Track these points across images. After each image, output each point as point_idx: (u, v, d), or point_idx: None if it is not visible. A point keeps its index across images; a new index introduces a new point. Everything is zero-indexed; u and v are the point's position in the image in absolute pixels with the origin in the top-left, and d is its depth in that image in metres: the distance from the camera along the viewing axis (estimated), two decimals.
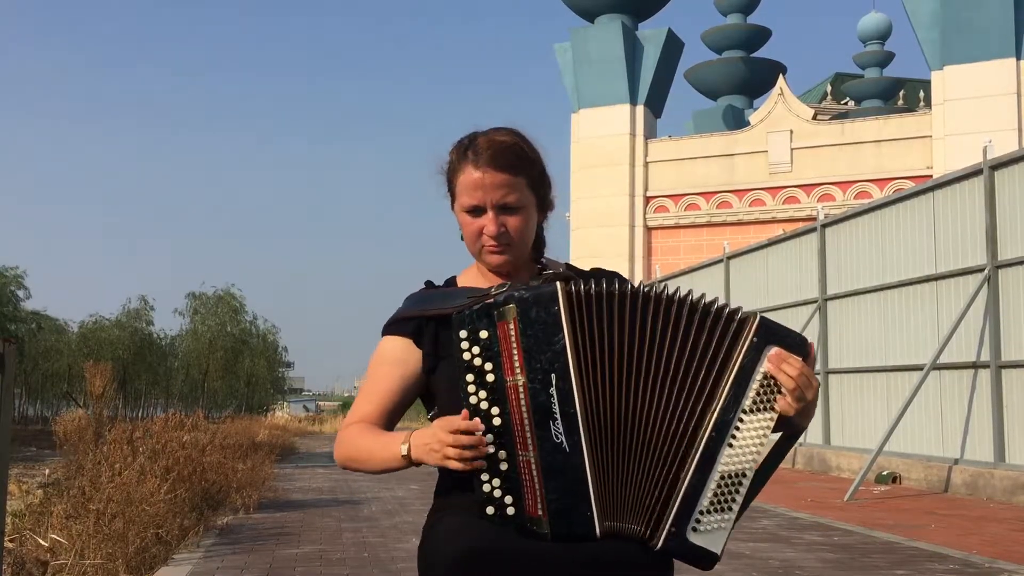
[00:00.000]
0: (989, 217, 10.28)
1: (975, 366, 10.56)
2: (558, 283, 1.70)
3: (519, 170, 1.86)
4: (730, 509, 1.67)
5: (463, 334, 1.69)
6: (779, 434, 1.82)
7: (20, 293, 33.27)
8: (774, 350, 1.68)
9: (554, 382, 1.66)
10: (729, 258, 17.58)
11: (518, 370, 1.67)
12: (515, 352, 1.67)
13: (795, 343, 1.70)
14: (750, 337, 1.68)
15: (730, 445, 1.66)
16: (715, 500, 1.66)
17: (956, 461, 10.64)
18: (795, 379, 1.67)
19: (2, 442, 3.88)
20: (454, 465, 1.66)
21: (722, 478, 1.66)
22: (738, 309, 1.70)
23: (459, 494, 1.78)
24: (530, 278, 1.90)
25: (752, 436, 1.67)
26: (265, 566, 5.97)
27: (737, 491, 1.67)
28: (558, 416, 1.66)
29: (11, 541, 6.07)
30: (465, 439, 1.65)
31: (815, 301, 14.16)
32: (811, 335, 14.11)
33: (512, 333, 1.67)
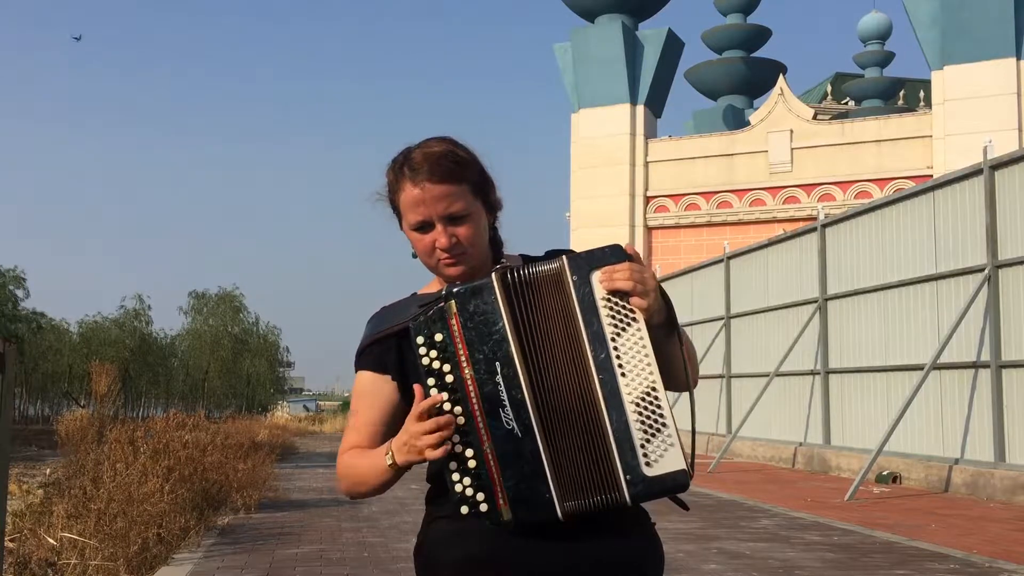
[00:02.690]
0: (989, 217, 10.28)
1: (975, 366, 10.56)
2: (493, 272, 1.71)
3: (459, 177, 1.83)
4: (664, 426, 1.66)
5: (420, 340, 1.71)
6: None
7: (19, 293, 33.28)
8: (598, 273, 1.70)
9: (499, 369, 1.67)
10: (729, 258, 17.58)
11: (465, 364, 1.68)
12: (460, 346, 1.68)
13: (611, 256, 1.71)
14: (570, 278, 1.69)
15: (622, 375, 1.67)
16: (645, 428, 1.66)
17: (956, 461, 10.64)
18: (628, 279, 1.68)
19: (2, 442, 3.88)
20: (431, 454, 1.66)
21: (636, 406, 1.66)
22: (552, 263, 1.71)
23: (450, 501, 1.78)
24: None
25: (635, 354, 1.68)
26: (265, 566, 5.97)
27: (658, 407, 1.67)
28: (507, 402, 1.67)
29: (11, 541, 6.08)
30: (431, 423, 1.65)
31: (815, 301, 14.16)
32: (811, 335, 14.12)
33: (455, 328, 1.69)
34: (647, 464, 1.65)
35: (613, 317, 1.69)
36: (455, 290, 1.71)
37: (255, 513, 8.64)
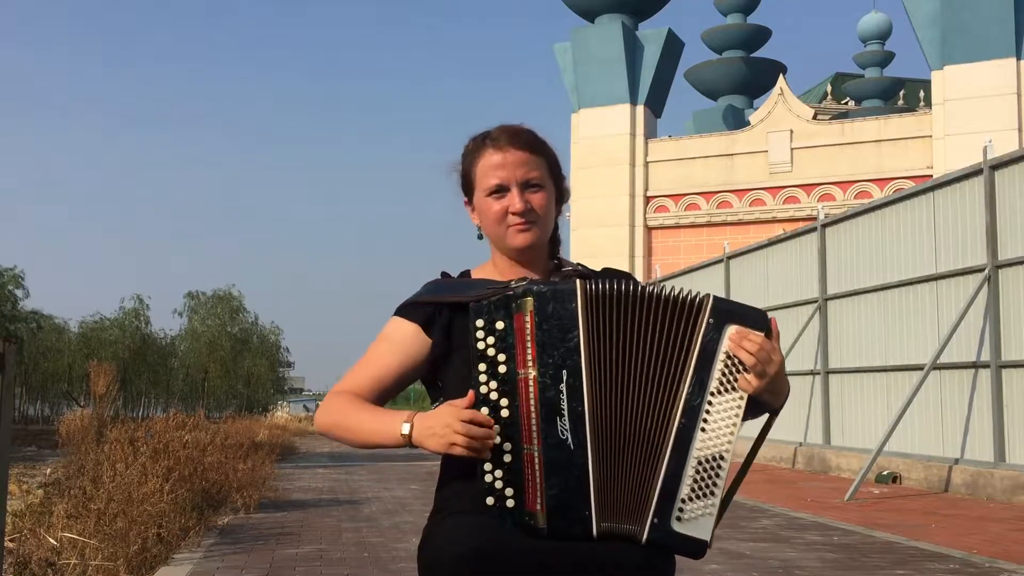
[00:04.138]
0: (989, 217, 10.28)
1: (975, 366, 10.56)
2: (577, 280, 1.71)
3: (539, 150, 1.90)
4: (712, 494, 1.66)
5: (479, 323, 1.69)
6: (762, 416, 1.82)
7: (19, 293, 33.25)
8: (734, 328, 1.67)
9: (565, 378, 1.66)
10: (729, 258, 17.58)
11: (530, 363, 1.66)
12: (528, 345, 1.67)
13: (755, 319, 1.69)
14: (706, 319, 1.67)
15: (703, 430, 1.66)
16: (695, 487, 1.66)
17: (956, 461, 10.64)
18: (754, 355, 1.66)
19: (2, 442, 3.88)
20: (458, 451, 1.65)
21: (699, 463, 1.65)
22: (693, 293, 1.69)
23: (461, 495, 1.77)
24: (548, 274, 1.91)
25: (724, 418, 1.66)
26: (265, 566, 5.97)
27: (717, 475, 1.66)
28: (565, 412, 1.65)
29: (11, 541, 6.07)
30: (476, 430, 1.65)
31: (815, 301, 14.16)
32: (811, 335, 14.12)
33: (527, 326, 1.67)
34: (678, 519, 1.65)
35: (724, 375, 1.67)
36: (535, 288, 1.69)
37: (255, 513, 8.63)
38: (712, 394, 1.66)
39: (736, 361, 1.67)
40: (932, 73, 23.67)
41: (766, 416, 1.82)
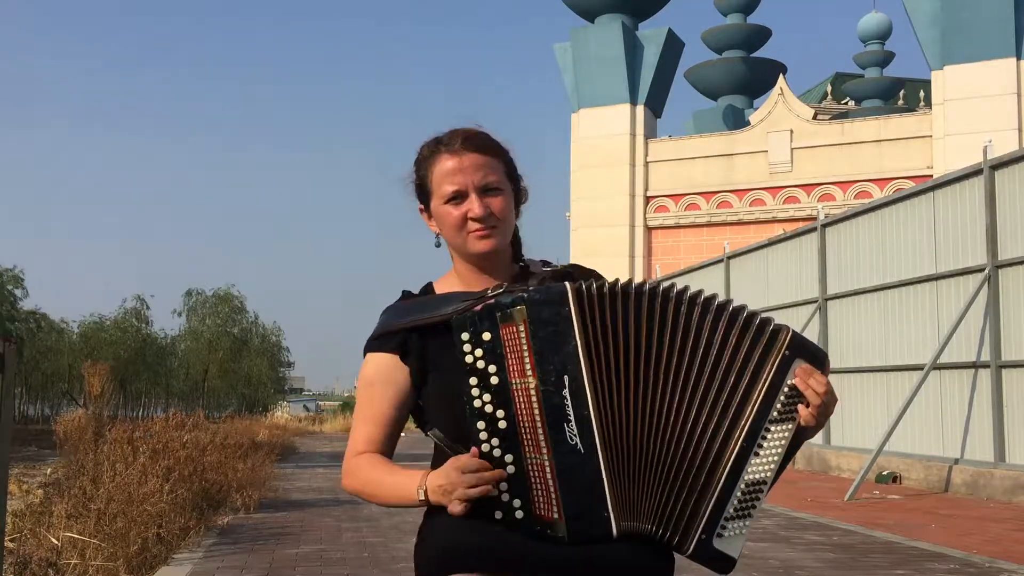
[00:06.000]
0: (989, 217, 10.28)
1: (975, 366, 10.56)
2: (567, 283, 1.67)
3: (495, 152, 1.85)
4: (749, 516, 1.69)
5: (465, 336, 1.66)
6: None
7: (18, 292, 33.26)
8: (802, 363, 1.70)
9: (567, 384, 1.64)
10: (729, 258, 17.58)
11: (529, 372, 1.64)
12: (526, 354, 1.64)
13: (819, 358, 1.73)
14: (783, 350, 1.68)
15: (756, 454, 1.68)
16: (739, 507, 1.68)
17: (956, 461, 10.64)
18: (821, 396, 1.69)
19: (2, 442, 3.88)
20: (463, 506, 1.64)
21: (747, 486, 1.68)
22: (770, 319, 1.70)
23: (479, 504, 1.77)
24: (513, 278, 1.86)
25: (775, 445, 1.69)
26: (265, 566, 5.97)
27: (757, 498, 1.69)
28: (572, 418, 1.64)
29: (11, 541, 6.07)
30: (482, 475, 1.63)
31: (815, 301, 14.16)
32: (811, 335, 14.11)
33: (522, 334, 1.64)
34: (718, 535, 1.67)
35: (784, 405, 1.70)
36: (527, 296, 1.66)
37: (255, 513, 8.63)
38: (772, 422, 1.69)
39: (796, 393, 1.70)
40: (932, 73, 23.64)
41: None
